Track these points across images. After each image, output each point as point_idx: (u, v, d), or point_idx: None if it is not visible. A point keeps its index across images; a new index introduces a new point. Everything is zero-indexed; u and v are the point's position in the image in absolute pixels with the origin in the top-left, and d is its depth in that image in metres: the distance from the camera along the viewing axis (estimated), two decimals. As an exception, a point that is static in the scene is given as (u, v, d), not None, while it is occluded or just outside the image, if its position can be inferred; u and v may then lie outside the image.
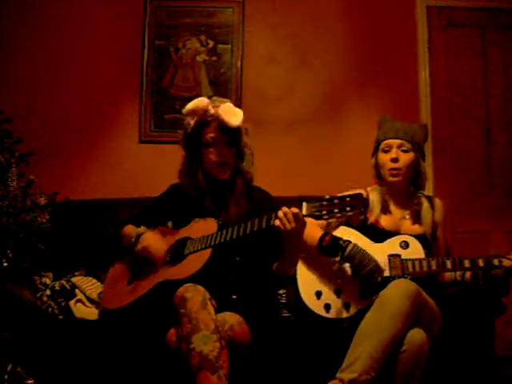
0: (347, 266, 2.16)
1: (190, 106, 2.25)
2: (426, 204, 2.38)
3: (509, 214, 3.57)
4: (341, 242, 2.16)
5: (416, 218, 2.35)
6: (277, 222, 1.94)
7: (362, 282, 2.16)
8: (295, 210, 1.92)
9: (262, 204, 2.28)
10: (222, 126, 2.23)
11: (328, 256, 2.20)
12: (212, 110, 2.22)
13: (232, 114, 2.23)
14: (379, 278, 2.14)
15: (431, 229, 2.35)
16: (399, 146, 2.33)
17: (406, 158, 2.33)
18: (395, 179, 2.34)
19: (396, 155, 2.32)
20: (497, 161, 3.64)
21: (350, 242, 2.16)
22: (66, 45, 3.51)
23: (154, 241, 2.24)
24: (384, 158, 2.35)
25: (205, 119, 2.24)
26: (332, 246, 2.16)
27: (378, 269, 2.13)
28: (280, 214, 1.94)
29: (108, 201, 3.04)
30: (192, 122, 2.24)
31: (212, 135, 2.24)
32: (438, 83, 3.63)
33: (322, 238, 2.19)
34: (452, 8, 3.68)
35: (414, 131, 2.38)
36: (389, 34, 3.60)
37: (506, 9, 3.67)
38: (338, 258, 2.17)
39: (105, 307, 2.28)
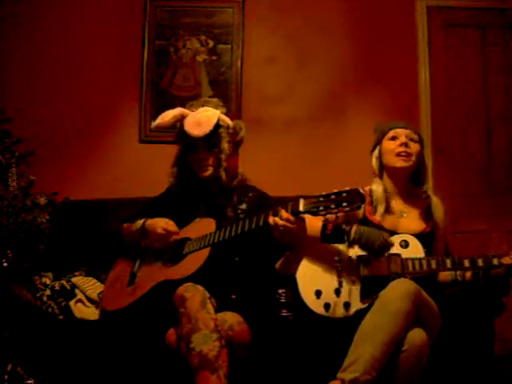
0: (353, 252, 2.17)
1: (160, 121, 2.28)
2: (434, 198, 2.37)
3: (509, 214, 3.57)
4: (344, 227, 2.16)
5: (427, 214, 2.35)
6: (270, 220, 1.94)
7: (375, 258, 2.17)
8: (285, 214, 1.92)
9: (258, 203, 2.28)
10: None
11: (333, 243, 2.20)
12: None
13: (195, 125, 2.20)
14: (391, 250, 2.15)
15: (442, 223, 2.34)
16: (407, 136, 2.33)
17: (415, 147, 2.33)
18: (406, 164, 2.30)
19: (406, 140, 2.31)
20: (497, 161, 3.65)
21: (353, 224, 2.17)
22: (65, 44, 3.51)
23: (162, 223, 2.24)
24: (392, 144, 2.33)
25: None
26: (336, 233, 2.17)
27: (386, 241, 2.13)
28: (270, 218, 1.95)
29: (108, 201, 3.04)
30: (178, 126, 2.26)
31: (191, 140, 2.24)
32: (438, 83, 3.63)
33: (324, 228, 2.19)
34: (452, 8, 3.68)
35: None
36: (389, 33, 3.60)
37: (506, 9, 3.68)
38: (345, 245, 2.17)
39: (105, 309, 2.27)
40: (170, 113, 2.27)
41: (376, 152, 2.40)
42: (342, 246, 2.22)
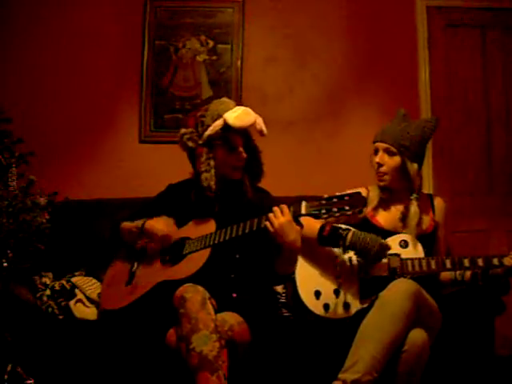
0: (351, 254, 2.17)
1: (238, 122, 2.20)
2: (413, 209, 2.32)
3: (509, 214, 3.57)
4: (341, 231, 2.16)
5: (403, 222, 2.34)
6: (267, 224, 1.99)
7: (371, 264, 2.17)
8: (282, 205, 1.98)
9: (261, 203, 2.28)
10: (242, 131, 2.24)
11: (329, 246, 2.20)
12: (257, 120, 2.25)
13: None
14: (387, 256, 2.16)
15: (416, 233, 2.29)
16: (385, 150, 2.33)
17: (390, 162, 2.32)
18: (381, 183, 2.35)
19: (380, 159, 2.32)
20: (497, 161, 3.65)
21: (350, 230, 2.16)
22: (65, 45, 3.51)
23: (161, 224, 2.24)
24: (373, 160, 2.37)
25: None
26: (332, 236, 2.16)
27: (383, 248, 2.13)
28: (270, 215, 1.99)
29: (108, 201, 3.04)
30: (219, 125, 2.20)
31: (236, 139, 2.25)
32: (438, 83, 3.63)
33: (322, 229, 2.19)
34: (452, 8, 3.68)
35: (406, 133, 2.33)
36: (389, 33, 3.60)
37: (506, 9, 3.67)
38: (340, 249, 2.17)
39: (104, 308, 2.27)
40: (250, 113, 2.25)
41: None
42: (338, 250, 2.22)
